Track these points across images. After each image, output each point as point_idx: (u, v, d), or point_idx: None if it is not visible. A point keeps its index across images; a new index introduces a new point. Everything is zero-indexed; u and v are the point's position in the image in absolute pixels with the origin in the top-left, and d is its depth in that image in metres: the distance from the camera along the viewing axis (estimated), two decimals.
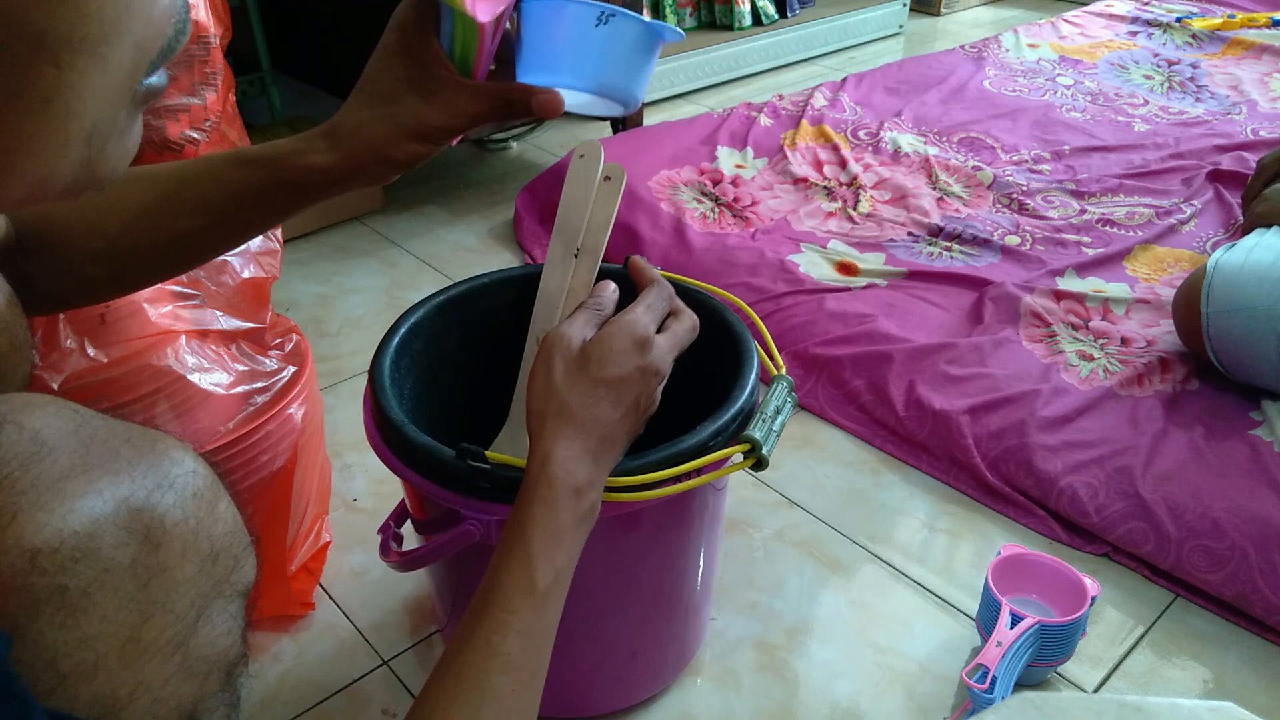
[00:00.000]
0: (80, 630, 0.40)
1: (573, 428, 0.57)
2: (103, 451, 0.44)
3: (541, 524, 0.55)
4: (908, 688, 0.86)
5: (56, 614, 0.40)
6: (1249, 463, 1.04)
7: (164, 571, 0.44)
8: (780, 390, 0.71)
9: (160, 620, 0.43)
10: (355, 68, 0.57)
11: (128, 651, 0.42)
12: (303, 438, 0.87)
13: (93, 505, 0.42)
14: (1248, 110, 1.98)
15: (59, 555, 0.40)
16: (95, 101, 0.31)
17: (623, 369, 0.59)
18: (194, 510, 0.46)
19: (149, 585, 0.43)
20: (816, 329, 1.30)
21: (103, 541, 0.41)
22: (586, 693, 0.82)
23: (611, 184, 0.79)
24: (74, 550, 0.40)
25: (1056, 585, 0.87)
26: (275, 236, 0.95)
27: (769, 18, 2.41)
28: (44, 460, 0.41)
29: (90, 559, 0.41)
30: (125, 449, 0.45)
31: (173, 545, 0.44)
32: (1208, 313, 1.13)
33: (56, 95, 0.30)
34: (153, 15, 0.32)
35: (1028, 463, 1.07)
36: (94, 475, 0.43)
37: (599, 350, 0.60)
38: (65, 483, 0.41)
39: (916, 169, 1.75)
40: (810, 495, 1.09)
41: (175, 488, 0.46)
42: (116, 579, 0.42)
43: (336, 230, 1.67)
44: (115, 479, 0.43)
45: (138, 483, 0.44)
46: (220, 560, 0.47)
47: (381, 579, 0.97)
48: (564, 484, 0.56)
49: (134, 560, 0.43)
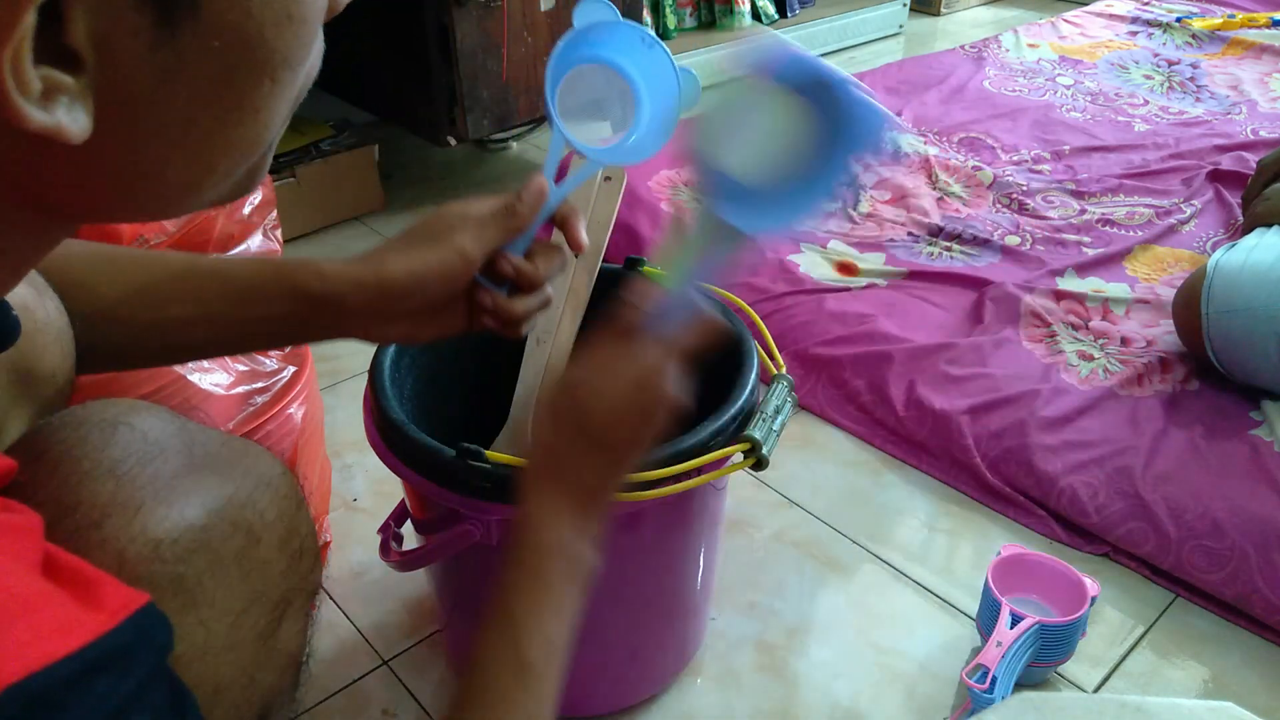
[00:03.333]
0: (195, 615, 0.43)
1: (555, 484, 0.52)
2: (204, 453, 0.47)
3: (527, 591, 0.50)
4: (908, 688, 0.86)
5: (175, 600, 0.43)
6: (1249, 463, 1.04)
7: (262, 564, 0.47)
8: (780, 390, 0.71)
9: (257, 609, 0.47)
10: (355, 67, 0.57)
11: (231, 637, 0.45)
12: (302, 438, 0.87)
13: (204, 501, 0.45)
14: (1248, 110, 1.97)
15: (178, 545, 0.43)
16: (279, 115, 0.34)
17: (619, 421, 0.52)
18: (286, 510, 0.50)
19: (250, 576, 0.46)
20: (816, 329, 1.30)
21: (214, 534, 0.45)
22: (586, 693, 0.82)
23: (612, 184, 0.79)
24: (190, 541, 0.44)
25: (1056, 585, 0.87)
26: (275, 237, 0.95)
27: (769, 18, 2.41)
28: (157, 459, 0.45)
29: (204, 550, 0.44)
30: (223, 451, 0.48)
31: (269, 541, 0.48)
32: (1208, 313, 1.13)
33: (265, 106, 0.32)
34: (318, 43, 0.35)
35: (1028, 463, 1.07)
36: (201, 475, 0.46)
37: (594, 397, 0.52)
38: (179, 480, 0.45)
39: (916, 169, 1.75)
40: (810, 495, 1.09)
41: (270, 488, 0.49)
42: (225, 569, 0.45)
43: (336, 230, 1.67)
44: (220, 478, 0.47)
45: (239, 483, 0.47)
46: (304, 558, 0.51)
47: (381, 579, 0.97)
48: (549, 546, 0.51)
49: (239, 552, 0.46)
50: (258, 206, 0.93)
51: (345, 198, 1.67)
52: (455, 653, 0.87)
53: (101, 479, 0.43)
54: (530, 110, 1.65)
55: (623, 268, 0.84)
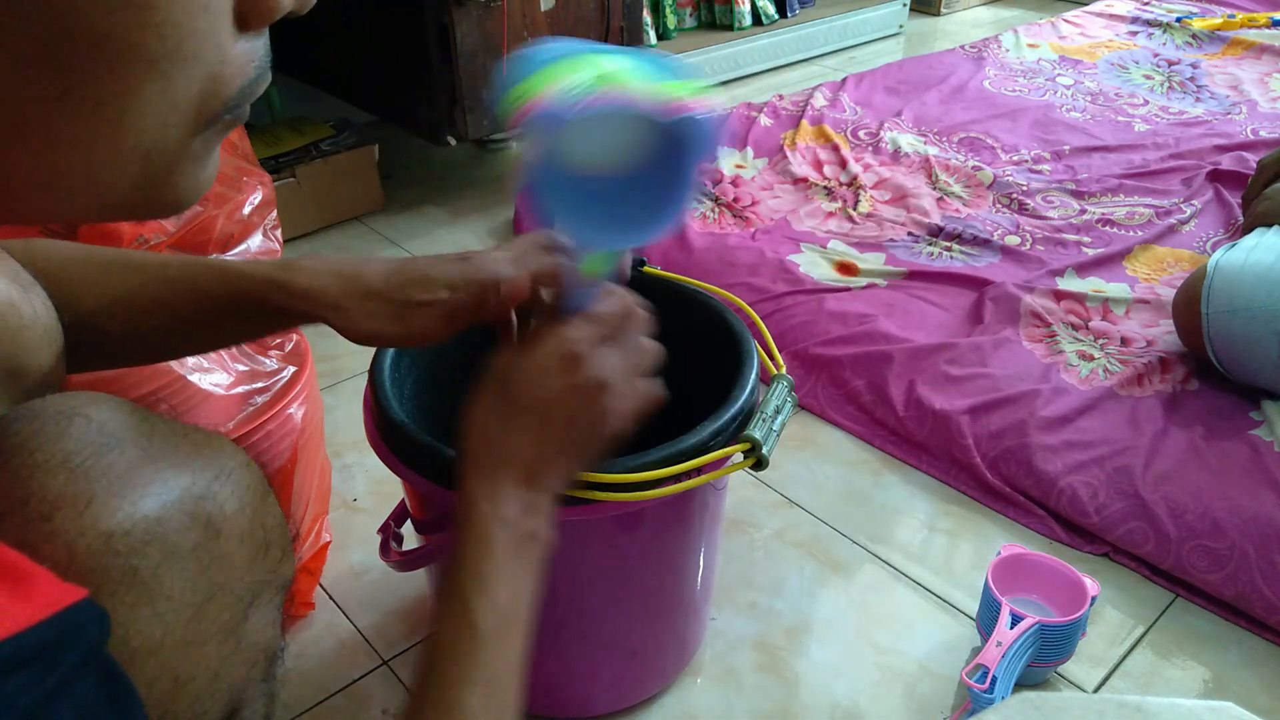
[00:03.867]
0: (150, 608, 0.42)
1: (491, 461, 0.53)
2: (163, 445, 0.47)
3: (472, 565, 0.50)
4: (908, 688, 0.86)
5: (129, 593, 0.42)
6: (1249, 463, 1.04)
7: (224, 557, 0.47)
8: (780, 390, 0.71)
9: (219, 603, 0.46)
10: (355, 67, 0.57)
11: (190, 631, 0.44)
12: (302, 438, 0.87)
13: (159, 493, 0.45)
14: (1248, 110, 1.98)
15: (131, 538, 0.42)
16: (154, 119, 0.32)
17: (546, 390, 0.53)
18: (249, 501, 0.49)
19: (210, 569, 0.46)
20: (816, 329, 1.30)
21: (169, 526, 0.44)
22: (586, 693, 0.82)
23: None
24: (144, 534, 0.43)
25: (1056, 585, 0.87)
26: (275, 237, 0.95)
27: (769, 18, 2.41)
28: (112, 451, 0.44)
29: (159, 542, 0.43)
30: (183, 443, 0.48)
31: (231, 533, 0.47)
32: (1208, 313, 1.13)
33: (109, 101, 0.30)
34: (229, 51, 0.33)
35: (1028, 463, 1.07)
36: (159, 466, 0.46)
37: (518, 372, 0.54)
38: (133, 472, 0.44)
39: (916, 169, 1.75)
40: (810, 495, 1.09)
41: (231, 480, 0.48)
42: (182, 562, 0.44)
43: (336, 230, 1.67)
44: (178, 470, 0.46)
45: (198, 474, 0.47)
46: (270, 551, 0.50)
47: (381, 579, 0.97)
48: (489, 518, 0.51)
49: (197, 545, 0.45)
50: (257, 206, 0.93)
51: (345, 198, 1.67)
52: None
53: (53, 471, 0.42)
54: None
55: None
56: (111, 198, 0.33)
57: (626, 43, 1.72)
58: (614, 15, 1.68)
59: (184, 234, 0.85)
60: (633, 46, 1.68)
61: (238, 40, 0.33)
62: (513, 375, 0.54)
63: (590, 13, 1.65)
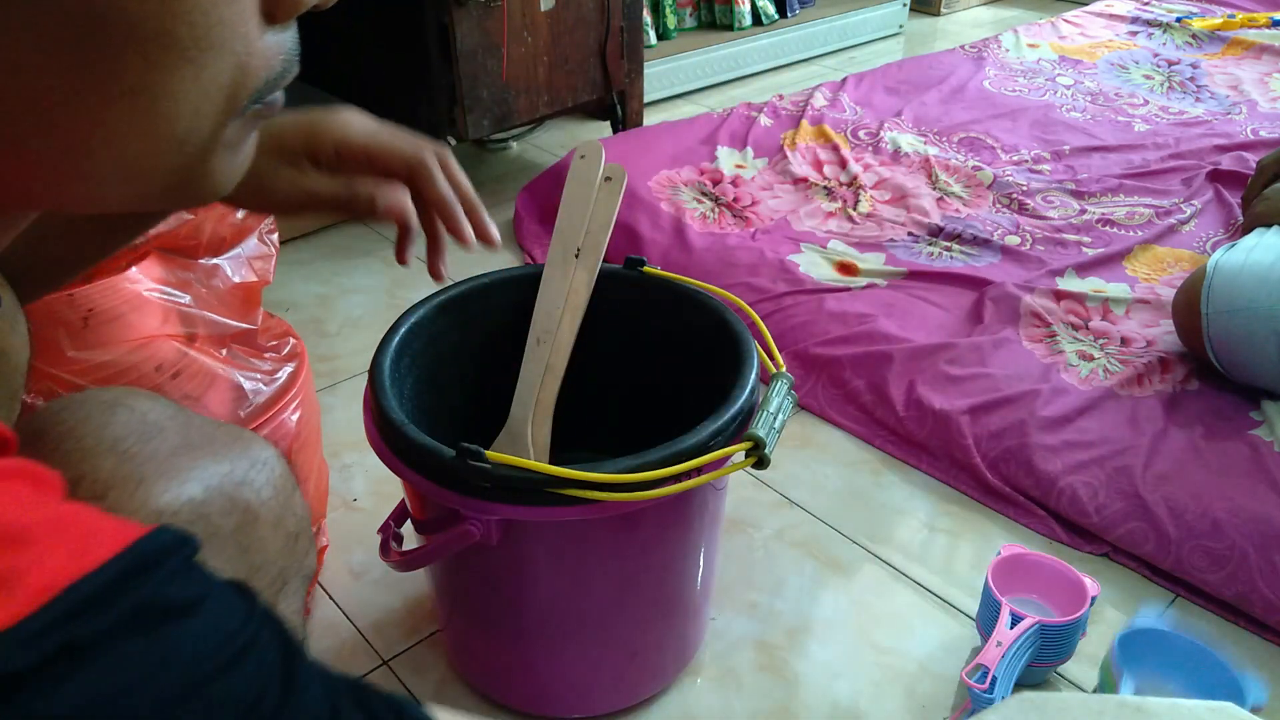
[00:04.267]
0: None
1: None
2: (200, 436, 0.49)
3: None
4: (908, 688, 0.86)
5: None
6: (1249, 463, 1.04)
7: (259, 541, 0.49)
8: (780, 389, 0.71)
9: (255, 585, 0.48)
10: (355, 67, 0.57)
11: None
12: (297, 442, 0.86)
13: (202, 477, 0.47)
14: (1248, 110, 1.98)
15: (179, 517, 0.45)
16: (187, 106, 0.32)
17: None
18: (281, 490, 0.51)
19: (248, 551, 0.48)
20: (816, 329, 1.30)
21: (212, 508, 0.47)
22: (586, 693, 0.82)
23: (612, 184, 0.79)
24: (191, 514, 0.46)
25: (1056, 585, 0.87)
26: (271, 241, 0.93)
27: (769, 18, 2.41)
28: (155, 438, 0.47)
29: (204, 523, 0.46)
30: (219, 434, 0.50)
31: (266, 519, 0.50)
32: (1208, 313, 1.13)
33: (142, 89, 0.31)
34: (256, 44, 0.33)
35: (1028, 463, 1.07)
36: (198, 454, 0.48)
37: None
38: (176, 458, 0.47)
39: (916, 169, 1.75)
40: (810, 495, 1.09)
41: (266, 469, 0.51)
42: (223, 543, 0.47)
43: (336, 230, 1.67)
44: (216, 458, 0.49)
45: (235, 462, 0.49)
46: (299, 541, 0.53)
47: (381, 579, 0.97)
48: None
49: (237, 527, 0.48)
50: None
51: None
52: (455, 652, 0.87)
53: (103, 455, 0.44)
54: (530, 110, 1.65)
55: (623, 268, 0.84)
56: (148, 186, 0.34)
57: (626, 42, 1.72)
58: (614, 15, 1.68)
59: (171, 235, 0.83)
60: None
61: (265, 33, 0.34)
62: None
63: (590, 13, 1.64)
